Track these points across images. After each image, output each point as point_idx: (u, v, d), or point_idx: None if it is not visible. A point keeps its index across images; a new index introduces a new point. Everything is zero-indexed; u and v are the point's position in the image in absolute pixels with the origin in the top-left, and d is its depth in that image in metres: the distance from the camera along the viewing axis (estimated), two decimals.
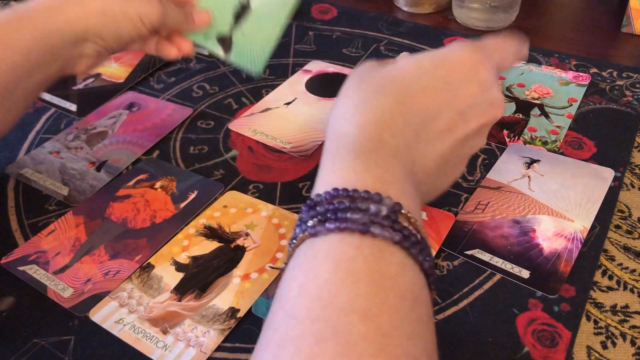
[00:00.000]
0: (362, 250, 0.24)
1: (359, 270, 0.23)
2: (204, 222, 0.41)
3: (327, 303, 0.22)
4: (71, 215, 0.42)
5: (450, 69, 0.31)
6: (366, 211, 0.25)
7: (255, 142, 0.49)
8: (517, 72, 0.55)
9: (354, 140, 0.28)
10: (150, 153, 0.48)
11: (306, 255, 0.25)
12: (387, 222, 0.25)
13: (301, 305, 0.23)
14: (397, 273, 0.24)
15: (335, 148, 0.29)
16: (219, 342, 0.33)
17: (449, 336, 0.33)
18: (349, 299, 0.22)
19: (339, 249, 0.24)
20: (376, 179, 0.27)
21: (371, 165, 0.27)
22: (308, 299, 0.23)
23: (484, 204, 0.41)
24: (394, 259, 0.24)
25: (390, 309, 0.22)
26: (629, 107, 0.50)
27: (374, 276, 0.23)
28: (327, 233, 0.25)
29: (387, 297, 0.23)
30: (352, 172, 0.27)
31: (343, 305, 0.22)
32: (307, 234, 0.25)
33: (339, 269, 0.23)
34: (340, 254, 0.24)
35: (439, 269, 0.37)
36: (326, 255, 0.24)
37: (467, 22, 0.63)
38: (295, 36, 0.64)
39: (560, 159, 0.45)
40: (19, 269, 0.38)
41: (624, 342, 0.33)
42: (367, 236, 0.24)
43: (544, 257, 0.37)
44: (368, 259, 0.24)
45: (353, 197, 0.25)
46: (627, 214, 0.41)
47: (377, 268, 0.23)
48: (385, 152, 0.28)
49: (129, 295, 0.36)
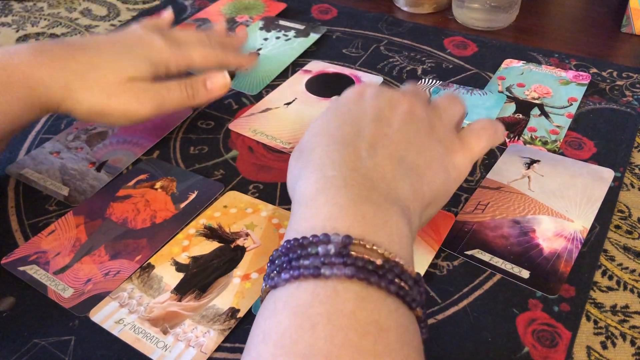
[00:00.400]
0: (317, 294, 0.24)
1: (315, 314, 0.23)
2: (204, 222, 0.41)
3: (289, 349, 0.23)
4: (71, 215, 0.42)
5: (346, 102, 0.36)
6: (316, 255, 0.25)
7: (255, 142, 0.49)
8: (517, 72, 0.55)
9: (303, 192, 0.30)
10: (151, 153, 0.48)
11: (268, 305, 0.26)
12: (338, 259, 0.25)
13: (265, 352, 0.23)
14: (354, 308, 0.24)
15: (293, 207, 0.31)
16: (219, 342, 0.33)
17: (449, 336, 0.33)
18: (309, 344, 0.22)
19: (296, 296, 0.25)
20: (325, 218, 0.27)
21: (319, 208, 0.28)
22: (270, 345, 0.23)
23: (484, 204, 0.41)
24: (350, 295, 0.24)
25: (352, 347, 0.22)
26: (629, 107, 0.50)
27: (331, 318, 0.23)
28: (284, 283, 0.26)
29: (347, 335, 0.23)
30: (303, 221, 0.28)
31: (304, 351, 0.22)
32: (268, 286, 0.26)
33: (296, 315, 0.24)
34: (297, 300, 0.24)
35: (439, 269, 0.37)
36: (284, 303, 0.25)
37: (467, 22, 0.63)
38: None
39: (560, 159, 0.45)
40: (19, 269, 0.38)
41: (624, 342, 0.33)
42: (321, 279, 0.25)
43: (544, 257, 0.37)
44: (324, 301, 0.24)
45: (303, 245, 0.26)
46: (627, 214, 0.41)
47: (334, 309, 0.24)
48: (331, 187, 0.29)
49: (129, 295, 0.36)
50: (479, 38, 0.61)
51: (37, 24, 0.69)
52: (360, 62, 0.58)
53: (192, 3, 0.71)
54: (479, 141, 0.35)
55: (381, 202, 0.28)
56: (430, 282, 0.36)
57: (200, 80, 0.47)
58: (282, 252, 0.27)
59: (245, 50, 0.57)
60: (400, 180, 0.31)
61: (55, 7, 0.73)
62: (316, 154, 0.32)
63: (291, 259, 0.26)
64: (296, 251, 0.26)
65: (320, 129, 0.34)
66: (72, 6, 0.73)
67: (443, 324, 0.34)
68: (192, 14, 0.68)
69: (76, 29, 0.68)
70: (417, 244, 0.38)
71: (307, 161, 0.32)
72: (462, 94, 0.53)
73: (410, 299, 0.25)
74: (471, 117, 0.49)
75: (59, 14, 0.71)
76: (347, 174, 0.29)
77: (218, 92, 0.47)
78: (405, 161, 0.31)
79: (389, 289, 0.25)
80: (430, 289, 0.36)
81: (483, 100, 0.52)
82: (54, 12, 0.72)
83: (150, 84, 0.44)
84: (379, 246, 0.26)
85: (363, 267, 0.25)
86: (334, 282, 0.24)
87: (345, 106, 0.35)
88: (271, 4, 0.69)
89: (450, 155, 0.34)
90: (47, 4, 0.74)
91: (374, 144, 0.32)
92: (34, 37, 0.66)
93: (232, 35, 0.55)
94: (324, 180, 0.29)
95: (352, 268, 0.24)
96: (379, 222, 0.27)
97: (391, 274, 0.25)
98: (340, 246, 0.25)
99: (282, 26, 0.64)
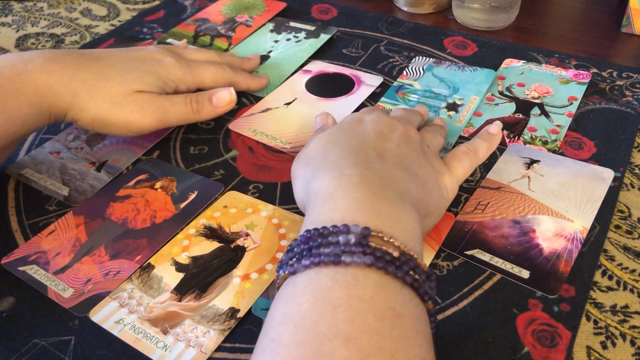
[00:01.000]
0: (337, 280, 0.25)
1: (336, 298, 0.25)
2: (204, 222, 0.41)
3: (310, 329, 0.23)
4: (71, 215, 0.42)
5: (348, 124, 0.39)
6: (336, 243, 0.27)
7: (255, 142, 0.49)
8: (517, 72, 0.55)
9: (321, 189, 0.31)
10: (151, 153, 0.48)
11: (287, 289, 0.27)
12: (358, 249, 0.26)
13: (285, 331, 0.24)
14: (373, 295, 0.25)
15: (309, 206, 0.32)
16: (219, 342, 0.33)
17: (449, 336, 0.33)
18: (330, 325, 0.23)
19: (316, 281, 0.26)
20: (344, 211, 0.29)
21: (338, 202, 0.30)
22: (291, 326, 0.24)
23: (484, 204, 0.41)
24: (369, 282, 0.25)
25: (371, 331, 0.23)
26: (629, 107, 0.50)
27: (351, 302, 0.24)
28: (304, 269, 0.27)
29: (366, 319, 0.24)
30: (322, 215, 0.29)
31: (325, 331, 0.23)
32: (287, 272, 0.27)
33: (317, 299, 0.25)
34: (318, 285, 0.25)
35: (439, 269, 0.37)
36: (304, 288, 0.26)
37: (467, 22, 0.63)
38: None
39: (560, 159, 0.45)
40: (19, 269, 0.38)
41: (624, 342, 0.33)
42: (340, 266, 0.26)
43: (544, 257, 0.37)
44: (344, 287, 0.25)
45: (323, 234, 0.27)
46: (627, 214, 0.41)
47: (354, 294, 0.25)
48: (348, 183, 0.30)
49: (129, 295, 0.36)
50: (479, 38, 0.61)
51: (37, 24, 0.69)
52: (361, 62, 0.58)
53: (192, 3, 0.71)
54: (461, 164, 0.39)
55: (395, 200, 0.30)
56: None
57: (207, 95, 0.47)
58: (302, 241, 0.28)
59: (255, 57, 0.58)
60: (409, 181, 0.33)
61: (55, 7, 0.73)
62: (331, 157, 0.34)
63: (311, 247, 0.27)
64: (316, 240, 0.27)
65: (329, 140, 0.36)
66: (72, 6, 0.73)
67: (443, 324, 0.34)
68: (192, 14, 0.68)
69: (76, 29, 0.68)
70: None
71: (322, 163, 0.34)
72: (454, 70, 0.55)
73: (423, 291, 0.27)
74: (462, 93, 0.52)
75: (59, 14, 0.71)
76: (362, 173, 0.31)
77: (224, 109, 0.48)
78: (410, 170, 0.34)
79: (404, 280, 0.26)
80: None
81: (473, 77, 0.54)
82: (54, 12, 0.72)
83: (156, 96, 0.44)
84: (396, 239, 0.27)
85: (381, 257, 0.26)
86: (353, 270, 0.26)
87: (349, 126, 0.38)
88: (271, 4, 0.69)
89: (440, 176, 0.37)
90: (47, 4, 0.74)
91: (382, 154, 0.34)
92: (33, 37, 0.66)
93: (245, 58, 0.56)
94: (340, 178, 0.31)
95: (371, 257, 0.26)
96: (395, 218, 0.29)
97: (407, 266, 0.26)
98: (359, 236, 0.27)
99: (293, 28, 0.64)
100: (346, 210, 0.29)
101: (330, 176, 0.31)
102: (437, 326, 0.34)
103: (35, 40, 0.66)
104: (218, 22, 0.66)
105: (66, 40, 0.66)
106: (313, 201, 0.31)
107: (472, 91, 0.52)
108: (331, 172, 0.32)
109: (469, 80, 0.53)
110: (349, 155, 0.33)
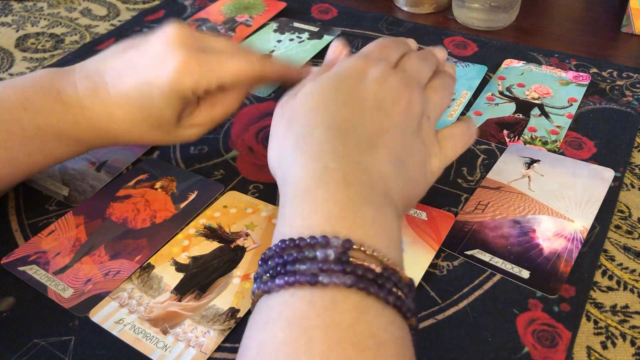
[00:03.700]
0: (314, 303, 0.23)
1: (312, 326, 0.22)
2: (204, 222, 0.41)
3: None
4: (71, 215, 0.42)
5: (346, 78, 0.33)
6: (314, 259, 0.24)
7: (255, 142, 0.49)
8: (517, 72, 0.55)
9: (299, 181, 0.28)
10: (151, 153, 0.48)
11: (261, 314, 0.25)
12: (337, 267, 0.24)
13: None
14: (353, 321, 0.23)
15: (285, 194, 0.29)
16: (219, 342, 0.33)
17: (449, 336, 0.33)
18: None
19: (291, 304, 0.24)
20: (324, 217, 0.26)
21: (318, 203, 0.26)
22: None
23: (484, 204, 0.41)
24: (348, 305, 0.23)
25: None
26: (629, 107, 0.50)
27: (328, 331, 0.22)
28: (278, 289, 0.24)
29: (345, 351, 0.22)
30: (299, 218, 0.26)
31: None
32: (260, 290, 0.25)
33: (292, 328, 0.23)
34: (293, 311, 0.23)
35: (439, 269, 0.37)
36: (279, 314, 0.24)
37: (467, 22, 0.63)
38: None
39: (560, 159, 0.45)
40: (19, 269, 0.38)
41: (624, 343, 0.33)
42: (318, 287, 0.24)
43: (544, 257, 0.37)
44: (321, 313, 0.23)
45: (299, 246, 0.25)
46: (627, 214, 0.41)
47: (331, 321, 0.23)
48: (331, 180, 0.27)
49: (129, 295, 0.36)
50: (479, 38, 0.61)
51: (37, 23, 0.69)
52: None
53: (192, 3, 0.71)
54: (454, 147, 0.36)
55: (380, 203, 0.28)
56: (430, 282, 0.36)
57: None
58: (276, 252, 0.26)
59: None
60: (395, 180, 0.30)
61: (55, 7, 0.73)
62: (316, 134, 0.30)
63: (286, 261, 0.25)
64: (292, 253, 0.25)
65: (318, 104, 0.32)
66: (72, 6, 0.73)
67: (443, 324, 0.34)
68: (192, 14, 0.68)
69: (76, 29, 0.68)
70: (417, 244, 0.38)
71: (305, 140, 0.30)
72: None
73: (406, 308, 0.25)
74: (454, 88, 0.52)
75: (59, 14, 0.71)
76: (348, 168, 0.28)
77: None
78: (400, 161, 0.31)
79: (387, 300, 0.24)
80: (430, 289, 0.36)
81: (465, 72, 0.55)
82: (54, 12, 0.72)
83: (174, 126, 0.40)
84: (379, 252, 0.25)
85: (362, 276, 0.24)
86: (332, 291, 0.23)
87: (345, 83, 0.32)
88: (271, 4, 0.69)
89: (429, 158, 0.34)
90: (47, 4, 0.74)
91: (375, 139, 0.30)
92: (33, 37, 0.66)
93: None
94: (323, 171, 0.28)
95: (351, 277, 0.24)
96: (379, 225, 0.27)
97: (389, 283, 0.24)
98: (339, 251, 0.24)
99: (296, 28, 0.64)
100: (327, 216, 0.26)
101: (311, 167, 0.28)
102: (437, 326, 0.34)
103: (35, 40, 0.66)
104: (218, 22, 0.66)
105: (66, 40, 0.66)
106: (289, 191, 0.28)
107: (464, 86, 0.53)
108: (312, 162, 0.28)
109: (461, 75, 0.54)
110: (336, 139, 0.29)
